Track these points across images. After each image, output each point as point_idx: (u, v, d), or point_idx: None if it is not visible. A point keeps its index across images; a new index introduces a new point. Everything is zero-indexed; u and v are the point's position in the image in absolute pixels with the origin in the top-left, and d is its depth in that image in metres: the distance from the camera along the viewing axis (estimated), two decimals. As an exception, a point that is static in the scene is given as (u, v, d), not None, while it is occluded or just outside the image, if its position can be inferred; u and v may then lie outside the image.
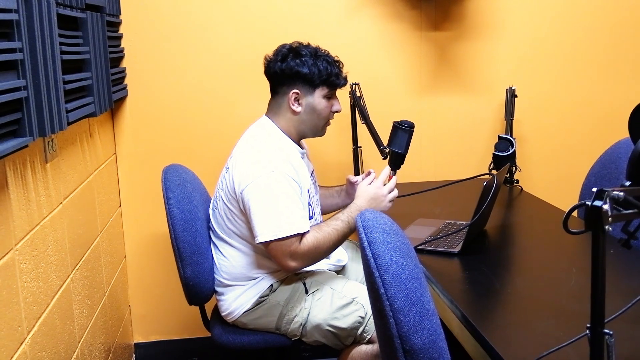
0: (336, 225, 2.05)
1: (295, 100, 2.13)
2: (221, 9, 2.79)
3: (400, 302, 1.17)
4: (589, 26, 3.06)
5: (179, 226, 2.14)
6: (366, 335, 2.05)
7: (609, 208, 0.98)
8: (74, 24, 2.01)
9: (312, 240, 2.00)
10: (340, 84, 2.18)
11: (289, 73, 2.12)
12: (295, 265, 2.01)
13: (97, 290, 2.32)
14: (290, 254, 1.99)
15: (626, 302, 1.27)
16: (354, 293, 2.11)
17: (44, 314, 1.70)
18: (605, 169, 2.42)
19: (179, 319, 2.96)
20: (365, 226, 1.27)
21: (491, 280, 1.79)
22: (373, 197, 2.11)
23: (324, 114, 2.17)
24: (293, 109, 2.14)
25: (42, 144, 1.77)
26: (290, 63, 2.12)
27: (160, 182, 2.20)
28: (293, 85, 2.13)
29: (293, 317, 2.10)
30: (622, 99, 3.11)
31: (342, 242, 2.08)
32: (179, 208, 2.15)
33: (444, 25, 2.96)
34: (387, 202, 2.12)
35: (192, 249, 2.15)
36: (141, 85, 2.78)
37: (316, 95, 2.14)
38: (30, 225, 1.64)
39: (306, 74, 2.11)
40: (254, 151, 2.10)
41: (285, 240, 1.97)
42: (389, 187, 2.14)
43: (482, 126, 3.06)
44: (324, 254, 2.07)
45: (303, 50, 2.14)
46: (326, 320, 2.07)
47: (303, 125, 2.18)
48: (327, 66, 2.13)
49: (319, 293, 2.12)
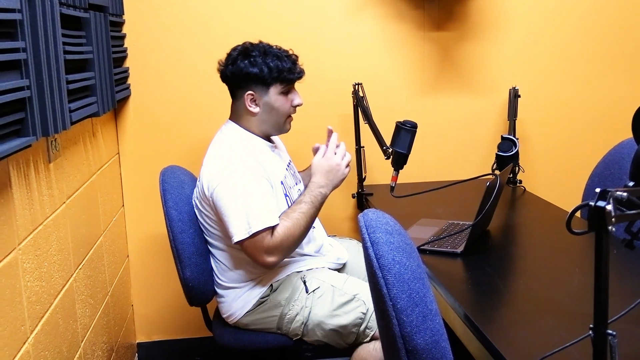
0: (301, 208, 2.04)
1: (251, 101, 2.13)
2: (224, 9, 2.79)
3: (403, 302, 1.17)
4: (592, 26, 3.05)
5: (177, 228, 2.14)
6: (369, 332, 2.05)
7: (612, 208, 0.98)
8: (77, 23, 2.01)
9: (283, 231, 1.99)
10: (294, 78, 2.16)
11: (240, 75, 2.12)
12: (272, 259, 2.00)
13: (100, 289, 2.32)
14: (265, 250, 1.98)
15: (629, 302, 1.27)
16: (355, 290, 2.10)
17: (47, 313, 1.70)
18: (608, 169, 2.41)
19: (181, 319, 2.96)
20: (368, 226, 1.27)
21: (494, 281, 1.79)
22: (328, 170, 2.11)
23: (283, 110, 2.16)
24: (251, 110, 2.14)
25: (45, 143, 1.77)
26: (240, 65, 2.12)
27: (152, 188, 2.20)
28: (247, 87, 2.13)
29: (294, 316, 2.10)
30: (625, 99, 3.11)
31: (312, 223, 2.08)
32: (176, 210, 2.16)
33: (447, 26, 2.96)
34: (344, 169, 2.13)
35: (190, 250, 2.15)
36: (144, 85, 2.79)
37: (271, 93, 2.13)
38: (34, 224, 1.65)
39: (257, 73, 2.10)
40: (219, 153, 2.12)
41: (257, 237, 1.97)
42: (340, 154, 2.14)
43: (485, 126, 3.06)
44: (298, 240, 2.05)
45: (252, 50, 2.13)
46: (328, 317, 2.07)
47: (265, 125, 2.18)
48: (277, 63, 2.11)
49: (319, 291, 2.11)
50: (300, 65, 2.19)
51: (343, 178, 2.14)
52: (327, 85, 2.90)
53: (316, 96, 2.90)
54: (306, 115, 2.91)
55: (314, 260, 2.24)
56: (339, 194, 2.92)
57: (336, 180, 2.12)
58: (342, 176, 2.13)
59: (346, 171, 2.14)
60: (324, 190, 2.09)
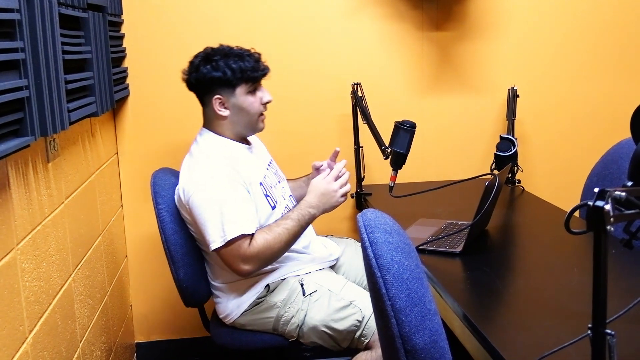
0: (286, 224, 2.05)
1: (220, 105, 2.14)
2: (223, 9, 2.79)
3: (401, 302, 1.17)
4: (590, 26, 3.05)
5: (169, 229, 2.16)
6: (364, 339, 2.04)
7: (610, 208, 0.98)
8: (75, 23, 2.01)
9: (261, 242, 2.00)
10: (259, 76, 2.16)
11: (204, 81, 2.13)
12: (248, 268, 2.00)
13: (99, 289, 2.32)
14: (242, 258, 1.99)
15: (628, 302, 1.27)
16: (352, 296, 2.09)
17: (45, 313, 1.70)
18: (607, 169, 2.41)
19: (180, 319, 2.96)
20: (367, 226, 1.27)
21: (493, 281, 1.79)
22: (323, 193, 2.10)
23: (253, 109, 2.16)
24: (221, 114, 2.15)
25: (44, 143, 1.77)
26: (202, 71, 2.12)
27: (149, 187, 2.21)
28: (213, 92, 2.13)
29: (290, 318, 2.10)
30: (624, 99, 3.11)
31: (295, 240, 2.08)
32: (168, 211, 2.17)
33: (446, 25, 2.96)
34: (339, 197, 2.12)
35: (183, 251, 2.17)
36: (143, 85, 2.79)
37: (238, 94, 2.13)
38: (32, 224, 1.65)
39: (220, 77, 2.10)
40: (192, 162, 2.13)
41: (233, 244, 1.98)
42: (340, 182, 2.13)
43: (484, 126, 3.06)
44: (277, 254, 2.06)
45: (213, 54, 2.14)
46: (323, 322, 2.06)
47: (237, 126, 2.18)
48: (240, 63, 2.11)
49: (316, 294, 2.11)
50: (264, 63, 2.19)
51: (336, 205, 2.13)
52: (326, 85, 2.90)
53: (315, 96, 2.90)
54: (305, 115, 2.92)
55: (307, 258, 2.24)
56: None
57: (328, 206, 2.12)
58: (336, 203, 2.12)
59: (341, 200, 2.13)
60: (313, 212, 2.09)
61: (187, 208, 2.08)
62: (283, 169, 2.54)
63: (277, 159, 2.53)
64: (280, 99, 2.87)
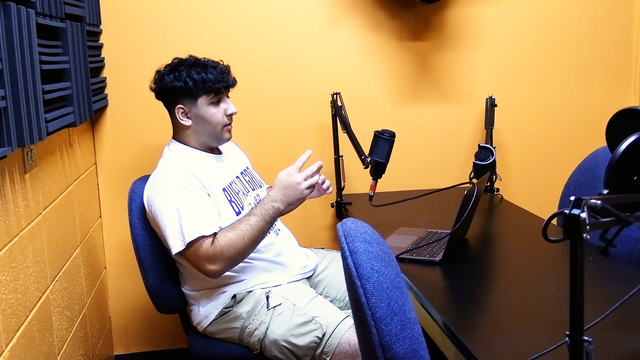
0: (249, 220, 2.02)
1: (182, 114, 2.16)
2: (203, 18, 2.79)
3: (381, 312, 1.17)
4: (566, 35, 3.10)
5: (139, 236, 2.19)
6: (325, 357, 1.98)
7: (586, 216, 0.99)
8: (53, 33, 1.99)
9: (224, 241, 1.99)
10: (221, 87, 2.16)
11: (167, 90, 2.16)
12: (215, 268, 1.99)
13: (77, 301, 2.29)
14: (206, 258, 1.98)
15: (605, 309, 1.28)
16: (315, 312, 2.05)
17: (22, 326, 1.68)
18: (584, 177, 2.44)
19: (159, 330, 2.93)
20: (346, 235, 1.27)
21: (472, 289, 1.80)
22: (286, 186, 2.02)
23: (215, 120, 2.17)
24: (183, 124, 2.17)
25: (21, 154, 1.76)
26: (166, 80, 2.15)
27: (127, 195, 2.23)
28: (176, 101, 2.16)
29: (253, 330, 2.08)
30: (599, 107, 3.15)
31: (261, 236, 2.04)
32: (139, 219, 2.19)
33: (424, 35, 2.99)
34: (304, 189, 2.02)
35: (153, 258, 2.19)
36: (122, 95, 2.77)
37: (200, 104, 2.15)
38: (9, 236, 1.63)
39: (181, 87, 2.12)
40: (155, 172, 2.16)
41: (193, 246, 1.98)
42: (304, 174, 2.03)
43: (463, 135, 3.08)
44: (243, 251, 2.02)
45: (179, 65, 2.17)
46: (283, 336, 2.03)
47: (200, 136, 2.20)
48: (202, 74, 2.12)
49: (280, 308, 2.08)
50: (231, 75, 2.20)
51: (301, 198, 2.04)
52: (305, 94, 2.90)
53: (295, 106, 2.91)
54: (285, 124, 2.92)
55: (276, 269, 2.21)
56: (317, 204, 2.92)
57: (292, 199, 2.03)
58: (300, 195, 2.03)
59: (305, 192, 2.03)
60: (277, 205, 2.02)
61: (151, 217, 2.10)
62: (263, 177, 2.54)
63: (257, 168, 2.53)
64: (260, 108, 2.88)
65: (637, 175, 1.14)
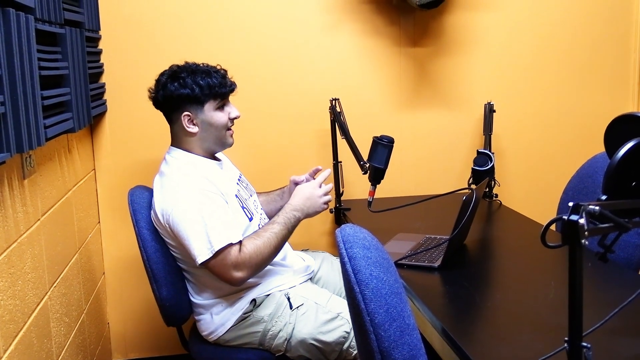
0: (274, 228, 2.07)
1: (189, 121, 2.15)
2: (201, 25, 2.79)
3: (380, 317, 1.17)
4: (564, 41, 3.10)
5: (151, 247, 2.14)
6: (352, 350, 2.04)
7: (585, 222, 1.00)
8: (52, 39, 2.00)
9: (252, 248, 2.01)
10: (227, 91, 2.18)
11: (172, 98, 2.14)
12: (241, 275, 2.00)
13: (76, 307, 2.29)
14: (233, 265, 1.98)
15: (604, 314, 1.28)
16: (339, 308, 2.11)
17: (20, 332, 1.67)
18: (582, 182, 2.44)
19: (158, 337, 2.92)
20: (345, 241, 1.27)
21: (471, 294, 1.79)
22: (308, 197, 2.16)
23: (221, 125, 2.18)
24: (190, 131, 2.16)
25: (20, 160, 1.76)
26: (170, 88, 2.13)
27: (127, 205, 2.20)
28: (182, 109, 2.14)
29: (277, 332, 2.09)
30: (598, 113, 3.16)
31: (283, 244, 2.10)
32: (148, 229, 2.15)
33: (423, 41, 2.99)
34: (322, 203, 2.19)
35: (166, 269, 2.15)
36: (121, 101, 2.77)
37: (207, 110, 2.15)
38: (7, 242, 1.62)
39: (188, 94, 2.11)
40: (165, 180, 2.13)
41: (222, 254, 1.97)
42: (325, 189, 2.19)
43: (461, 141, 3.09)
44: (267, 259, 2.06)
45: (180, 72, 2.15)
46: (311, 334, 2.06)
47: (206, 143, 2.19)
48: (207, 80, 2.13)
49: (303, 308, 2.11)
50: (231, 79, 2.21)
51: (318, 211, 2.19)
52: (304, 100, 2.91)
53: (294, 111, 2.91)
54: (284, 130, 2.92)
55: (287, 271, 2.24)
56: (316, 209, 2.92)
57: (311, 210, 2.17)
58: (318, 208, 2.18)
59: (323, 207, 2.19)
60: (298, 214, 2.13)
61: (167, 228, 2.07)
62: (262, 183, 2.55)
63: (256, 173, 2.53)
64: (260, 114, 2.88)
65: (635, 181, 1.14)
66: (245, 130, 2.76)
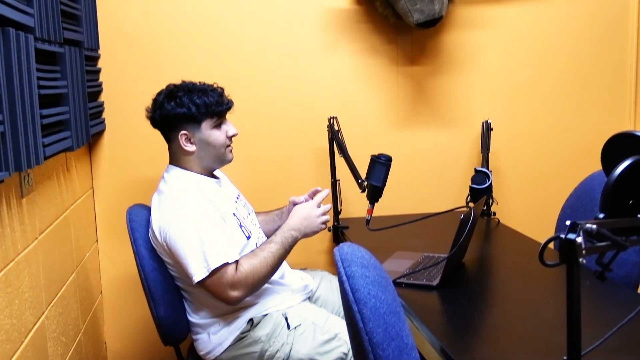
0: (271, 248, 2.06)
1: (186, 140, 2.15)
2: (200, 44, 2.81)
3: (379, 337, 1.16)
4: (561, 60, 3.12)
5: (149, 266, 2.13)
6: None
7: (582, 241, 1.00)
8: (52, 58, 2.01)
9: (248, 267, 2.00)
10: (223, 110, 2.18)
11: (169, 118, 2.14)
12: (237, 295, 1.99)
13: (73, 327, 2.28)
14: (230, 284, 1.98)
15: (603, 333, 1.28)
16: (337, 329, 2.10)
17: (17, 352, 1.66)
18: (579, 200, 2.45)
19: (155, 357, 2.90)
20: (343, 260, 1.27)
21: (470, 313, 1.79)
22: (305, 217, 2.15)
23: (218, 143, 2.18)
24: (187, 150, 2.16)
25: (18, 178, 1.76)
26: (167, 108, 2.14)
27: (126, 224, 2.20)
28: (179, 128, 2.14)
29: (275, 352, 2.08)
30: (595, 131, 3.17)
31: (280, 263, 2.09)
32: (146, 248, 2.15)
33: (420, 60, 3.01)
34: (320, 223, 2.18)
35: (163, 288, 2.14)
36: (119, 119, 2.78)
37: (204, 129, 2.15)
38: (5, 261, 1.62)
39: (185, 113, 2.12)
40: (163, 198, 2.13)
41: (218, 272, 1.96)
42: (323, 209, 2.19)
43: (459, 159, 3.09)
44: (264, 279, 2.05)
45: (177, 91, 2.16)
46: (309, 355, 2.05)
47: (205, 161, 2.19)
48: (204, 98, 2.13)
49: (301, 328, 2.10)
50: (228, 97, 2.21)
51: (315, 231, 2.18)
52: (302, 119, 2.92)
53: (292, 130, 2.92)
54: (283, 148, 2.93)
55: (285, 290, 2.23)
56: (314, 227, 2.91)
57: (309, 230, 2.16)
58: (316, 228, 2.17)
59: (321, 227, 2.18)
60: (295, 234, 2.12)
61: (164, 246, 2.06)
62: (260, 202, 2.54)
63: (254, 191, 2.53)
64: (258, 132, 2.89)
65: (632, 199, 1.15)
66: (243, 148, 2.76)
